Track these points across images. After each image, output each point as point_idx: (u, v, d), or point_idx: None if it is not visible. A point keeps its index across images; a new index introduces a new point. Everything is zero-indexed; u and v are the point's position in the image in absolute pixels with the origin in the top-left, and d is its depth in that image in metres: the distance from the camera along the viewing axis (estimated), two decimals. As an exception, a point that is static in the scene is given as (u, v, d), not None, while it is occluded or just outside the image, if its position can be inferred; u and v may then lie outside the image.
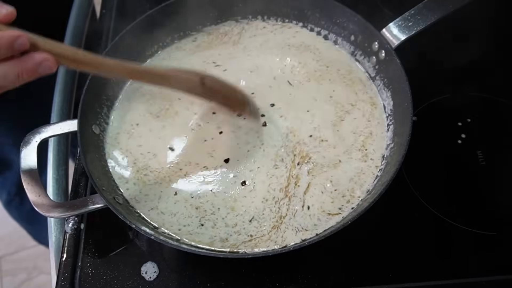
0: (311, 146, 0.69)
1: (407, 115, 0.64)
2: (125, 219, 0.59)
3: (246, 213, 0.64)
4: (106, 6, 0.95)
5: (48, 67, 0.48)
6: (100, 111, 0.73)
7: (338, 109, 0.73)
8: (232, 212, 0.64)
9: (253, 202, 0.65)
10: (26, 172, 0.64)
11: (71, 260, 0.66)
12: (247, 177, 0.67)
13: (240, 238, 0.62)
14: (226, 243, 0.62)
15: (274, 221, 0.63)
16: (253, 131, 0.71)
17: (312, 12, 0.80)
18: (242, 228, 0.63)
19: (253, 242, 0.62)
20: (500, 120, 0.77)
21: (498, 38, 0.86)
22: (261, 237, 0.62)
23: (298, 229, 0.62)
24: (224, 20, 0.84)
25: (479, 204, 0.69)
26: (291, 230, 0.63)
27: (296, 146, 0.69)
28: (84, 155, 0.64)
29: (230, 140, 0.70)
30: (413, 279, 0.62)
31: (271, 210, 0.64)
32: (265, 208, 0.65)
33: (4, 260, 1.70)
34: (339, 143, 0.70)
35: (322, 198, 0.65)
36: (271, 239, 0.62)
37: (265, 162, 0.68)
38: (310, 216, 0.63)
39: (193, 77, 0.65)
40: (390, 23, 0.71)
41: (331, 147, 0.69)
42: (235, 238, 0.63)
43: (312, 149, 0.69)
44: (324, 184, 0.66)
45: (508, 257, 0.64)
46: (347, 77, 0.77)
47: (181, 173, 0.68)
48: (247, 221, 0.64)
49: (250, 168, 0.68)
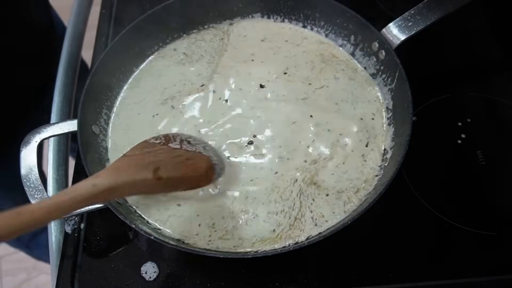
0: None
1: (407, 115, 0.64)
2: (125, 219, 0.59)
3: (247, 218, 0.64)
4: (105, 6, 0.95)
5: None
6: (100, 111, 0.73)
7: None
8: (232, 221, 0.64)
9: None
10: (26, 172, 0.63)
11: (71, 260, 0.66)
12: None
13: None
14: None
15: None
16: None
17: (312, 12, 0.80)
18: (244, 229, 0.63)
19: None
20: (500, 120, 0.77)
21: (498, 38, 0.86)
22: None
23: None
24: (223, 20, 0.84)
25: (479, 204, 0.69)
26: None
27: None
28: (84, 155, 0.64)
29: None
30: (413, 279, 0.62)
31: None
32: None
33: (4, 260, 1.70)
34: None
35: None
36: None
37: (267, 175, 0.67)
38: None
39: (144, 174, 0.52)
40: (390, 23, 0.71)
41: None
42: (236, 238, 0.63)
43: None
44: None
45: (508, 257, 0.64)
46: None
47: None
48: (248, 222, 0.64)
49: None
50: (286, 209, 0.64)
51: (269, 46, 0.81)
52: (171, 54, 0.81)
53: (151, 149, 0.54)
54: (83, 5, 0.98)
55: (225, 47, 0.81)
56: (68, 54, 0.91)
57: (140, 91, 0.77)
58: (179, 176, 0.54)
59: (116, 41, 0.75)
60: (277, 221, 0.63)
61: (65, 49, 0.92)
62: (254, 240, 0.62)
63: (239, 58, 0.79)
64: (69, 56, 0.91)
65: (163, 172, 0.53)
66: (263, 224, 0.63)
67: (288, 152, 0.68)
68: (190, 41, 0.83)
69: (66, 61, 0.90)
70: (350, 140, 0.69)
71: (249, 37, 0.82)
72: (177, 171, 0.54)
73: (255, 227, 0.63)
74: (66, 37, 0.93)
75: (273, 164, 0.67)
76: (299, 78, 0.76)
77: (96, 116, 0.72)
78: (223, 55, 0.80)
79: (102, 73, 0.73)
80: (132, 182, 0.50)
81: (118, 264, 0.65)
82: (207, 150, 0.60)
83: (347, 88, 0.75)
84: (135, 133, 0.73)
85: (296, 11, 0.82)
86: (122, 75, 0.78)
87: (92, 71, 0.72)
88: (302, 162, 0.68)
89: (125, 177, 0.50)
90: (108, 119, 0.75)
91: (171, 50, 0.82)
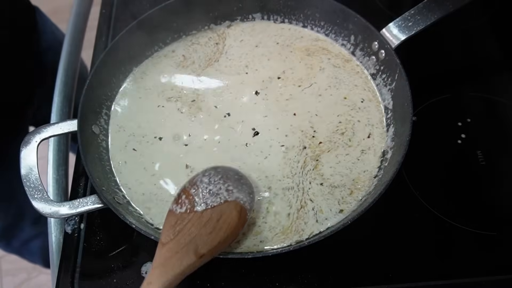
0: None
1: (407, 115, 0.64)
2: (125, 219, 0.59)
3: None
4: (106, 5, 0.95)
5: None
6: (100, 111, 0.74)
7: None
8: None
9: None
10: (26, 172, 0.63)
11: (71, 260, 0.66)
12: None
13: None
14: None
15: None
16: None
17: (312, 12, 0.80)
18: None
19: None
20: (500, 120, 0.77)
21: (498, 38, 0.86)
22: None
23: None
24: (223, 21, 0.84)
25: (479, 204, 0.69)
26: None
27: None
28: (84, 155, 0.64)
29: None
30: (413, 279, 0.62)
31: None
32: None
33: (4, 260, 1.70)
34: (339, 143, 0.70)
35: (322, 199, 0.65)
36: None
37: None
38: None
39: (188, 260, 0.53)
40: (390, 23, 0.71)
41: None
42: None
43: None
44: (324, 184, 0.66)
45: (508, 257, 0.64)
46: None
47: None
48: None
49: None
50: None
51: (262, 52, 0.80)
52: (171, 55, 0.82)
53: (181, 225, 0.54)
54: (83, 5, 0.98)
55: (218, 56, 0.81)
56: (68, 54, 0.91)
57: (140, 91, 0.77)
58: (218, 243, 0.55)
59: (116, 41, 0.75)
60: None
61: (65, 49, 0.92)
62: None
63: (232, 70, 0.79)
64: (69, 56, 0.91)
65: (203, 248, 0.54)
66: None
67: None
68: (186, 43, 0.82)
69: (66, 61, 0.90)
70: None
71: (245, 42, 0.82)
72: (215, 240, 0.54)
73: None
74: (66, 37, 0.93)
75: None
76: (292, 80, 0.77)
77: (96, 116, 0.72)
78: (212, 65, 0.80)
79: (102, 73, 0.73)
80: (181, 272, 0.52)
81: (118, 264, 0.65)
82: (230, 192, 0.58)
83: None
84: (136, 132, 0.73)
85: (297, 11, 0.82)
86: (122, 75, 0.78)
87: (92, 71, 0.72)
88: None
89: (173, 272, 0.52)
90: (108, 119, 0.75)
91: (171, 51, 0.82)
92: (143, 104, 0.76)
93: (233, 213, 0.56)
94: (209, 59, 0.80)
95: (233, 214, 0.56)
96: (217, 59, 0.80)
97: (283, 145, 0.70)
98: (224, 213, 0.56)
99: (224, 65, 0.79)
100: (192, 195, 0.57)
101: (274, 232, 0.62)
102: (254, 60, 0.79)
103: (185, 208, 0.56)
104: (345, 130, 0.71)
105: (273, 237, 0.62)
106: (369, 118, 0.72)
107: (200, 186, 0.58)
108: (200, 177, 0.59)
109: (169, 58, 0.81)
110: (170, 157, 0.70)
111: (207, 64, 0.80)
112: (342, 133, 0.70)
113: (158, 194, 0.67)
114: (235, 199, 0.57)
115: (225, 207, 0.56)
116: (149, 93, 0.77)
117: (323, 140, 0.70)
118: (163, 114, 0.75)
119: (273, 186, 0.66)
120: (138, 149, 0.72)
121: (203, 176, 0.59)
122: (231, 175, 0.60)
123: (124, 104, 0.76)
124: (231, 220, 0.56)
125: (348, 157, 0.68)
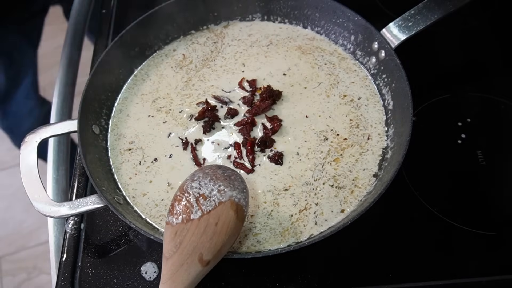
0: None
1: (407, 115, 0.64)
2: (125, 219, 0.59)
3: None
4: (105, 6, 0.95)
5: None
6: (100, 111, 0.73)
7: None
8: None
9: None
10: (26, 172, 0.63)
11: (71, 260, 0.66)
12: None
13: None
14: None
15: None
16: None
17: (312, 12, 0.80)
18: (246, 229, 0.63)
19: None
20: (500, 120, 0.77)
21: (498, 38, 0.86)
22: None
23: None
24: (222, 21, 0.84)
25: (479, 204, 0.69)
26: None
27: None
28: (84, 155, 0.64)
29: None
30: (413, 279, 0.62)
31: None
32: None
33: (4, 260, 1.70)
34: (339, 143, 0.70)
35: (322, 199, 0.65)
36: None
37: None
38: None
39: (195, 269, 0.53)
40: (390, 23, 0.71)
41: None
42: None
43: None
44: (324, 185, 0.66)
45: (508, 257, 0.64)
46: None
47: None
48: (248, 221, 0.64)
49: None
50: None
51: (257, 52, 0.81)
52: (171, 54, 0.82)
53: (181, 236, 0.54)
54: (83, 5, 0.98)
55: (215, 55, 0.81)
56: (68, 54, 0.91)
57: (140, 91, 0.78)
58: (221, 247, 0.54)
59: (116, 41, 0.75)
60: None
61: (65, 49, 0.92)
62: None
63: (228, 67, 0.79)
64: (69, 55, 0.91)
65: (207, 255, 0.53)
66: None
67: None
68: (186, 43, 0.83)
69: (66, 61, 0.90)
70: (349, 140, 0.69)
71: (242, 41, 0.82)
72: (217, 244, 0.54)
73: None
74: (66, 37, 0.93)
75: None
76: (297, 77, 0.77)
77: (96, 116, 0.72)
78: (209, 66, 0.80)
79: (102, 73, 0.73)
80: (191, 283, 0.52)
81: (118, 264, 0.65)
82: (222, 192, 0.56)
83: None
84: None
85: (297, 11, 0.82)
86: (122, 75, 0.78)
87: (92, 71, 0.72)
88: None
89: (183, 284, 0.52)
90: (108, 119, 0.75)
91: (171, 51, 0.82)
92: (143, 103, 0.76)
93: (230, 214, 0.55)
94: (206, 59, 0.80)
95: (230, 215, 0.55)
96: (213, 58, 0.80)
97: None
98: (221, 215, 0.55)
99: (220, 65, 0.80)
100: (185, 203, 0.55)
101: (274, 233, 0.62)
102: (250, 59, 0.80)
103: (181, 218, 0.54)
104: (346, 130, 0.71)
105: (272, 237, 0.62)
106: (368, 118, 0.72)
107: (191, 192, 0.56)
108: (189, 183, 0.57)
109: (169, 57, 0.81)
110: (169, 158, 0.70)
111: (203, 65, 0.80)
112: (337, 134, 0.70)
113: (158, 194, 0.67)
114: (229, 198, 0.56)
115: (221, 209, 0.55)
116: (149, 93, 0.77)
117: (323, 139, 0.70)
118: (162, 115, 0.75)
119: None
120: (138, 149, 0.72)
121: (192, 181, 0.57)
122: (220, 174, 0.58)
123: (124, 103, 0.76)
124: (229, 221, 0.55)
125: (350, 157, 0.68)
